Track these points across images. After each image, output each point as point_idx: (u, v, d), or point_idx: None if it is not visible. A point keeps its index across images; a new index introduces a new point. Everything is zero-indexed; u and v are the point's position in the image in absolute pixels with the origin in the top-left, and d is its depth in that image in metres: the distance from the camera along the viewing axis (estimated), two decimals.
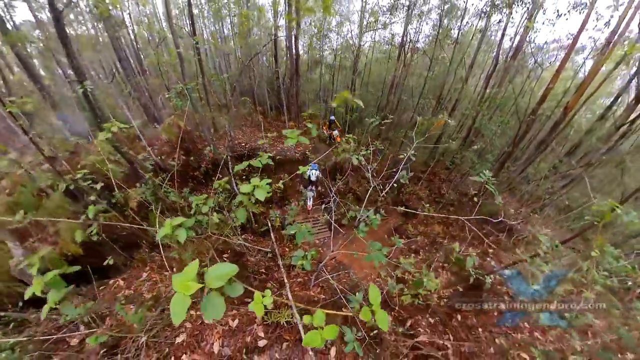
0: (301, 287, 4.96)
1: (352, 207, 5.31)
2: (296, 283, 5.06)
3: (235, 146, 8.96)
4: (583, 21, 7.16)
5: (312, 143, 10.76)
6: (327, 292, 4.86)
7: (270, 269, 5.39)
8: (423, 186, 12.53)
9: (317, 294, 4.74)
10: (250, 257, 5.79)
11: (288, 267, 5.65)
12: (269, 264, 5.60)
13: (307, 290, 4.79)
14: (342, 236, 8.77)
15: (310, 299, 4.55)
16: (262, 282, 4.92)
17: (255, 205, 6.45)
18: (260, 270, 5.23)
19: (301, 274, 5.43)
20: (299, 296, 4.59)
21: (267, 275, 5.19)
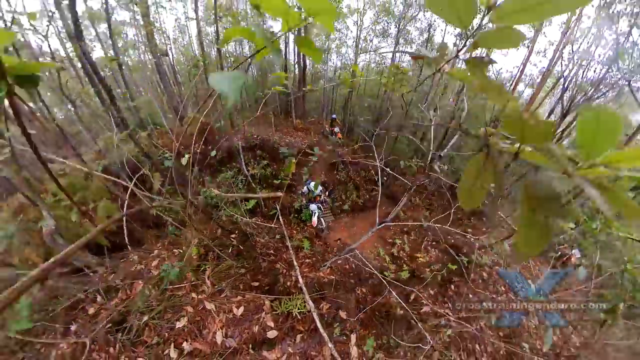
0: (310, 268, 4.15)
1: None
2: (305, 264, 4.26)
3: (249, 138, 8.12)
4: (526, 56, 7.10)
5: (316, 139, 9.98)
6: (336, 273, 4.09)
7: (279, 250, 4.57)
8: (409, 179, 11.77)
9: (327, 275, 3.96)
10: (259, 238, 4.98)
11: (296, 248, 4.87)
12: (278, 244, 4.78)
13: (317, 272, 4.00)
14: (345, 222, 8.05)
15: (321, 280, 3.76)
16: (271, 263, 4.09)
17: (264, 190, 5.53)
18: (269, 251, 4.42)
19: (309, 255, 4.65)
20: (309, 277, 3.80)
21: (275, 256, 4.37)
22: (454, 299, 4.48)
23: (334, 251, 4.94)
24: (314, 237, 5.69)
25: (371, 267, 4.28)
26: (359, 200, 8.86)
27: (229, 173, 6.59)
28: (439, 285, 5.02)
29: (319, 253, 4.80)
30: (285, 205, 6.65)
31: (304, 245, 4.95)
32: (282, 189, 7.64)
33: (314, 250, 4.90)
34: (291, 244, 4.92)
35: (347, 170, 9.07)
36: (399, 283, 4.18)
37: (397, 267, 5.54)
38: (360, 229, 7.46)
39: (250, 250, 4.30)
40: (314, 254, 4.65)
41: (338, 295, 3.50)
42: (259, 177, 7.25)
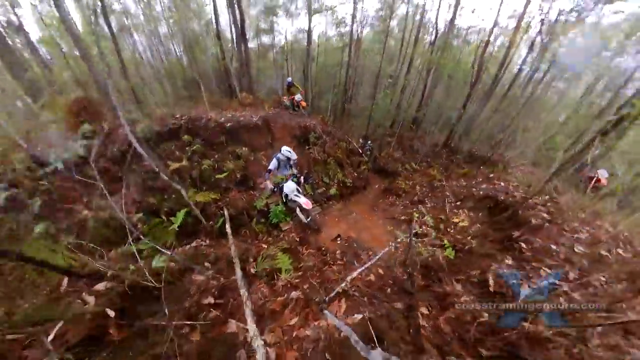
0: (302, 314, 1.88)
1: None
2: (288, 312, 1.97)
3: (165, 119, 5.23)
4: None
5: (271, 111, 7.49)
6: (357, 301, 1.95)
7: (230, 293, 2.20)
8: (394, 149, 10.28)
9: (339, 313, 1.77)
10: (196, 276, 2.46)
11: (267, 277, 2.55)
12: (229, 282, 2.38)
13: (316, 319, 1.79)
14: (337, 210, 5.92)
15: (331, 336, 1.59)
16: (216, 328, 1.76)
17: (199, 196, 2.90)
18: (209, 302, 2.00)
19: (293, 284, 2.36)
20: (302, 340, 1.60)
21: (224, 308, 2.00)
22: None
23: (338, 258, 2.73)
24: (296, 244, 3.37)
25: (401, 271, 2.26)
26: (347, 181, 6.83)
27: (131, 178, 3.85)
28: (500, 250, 3.24)
29: (313, 270, 2.55)
30: (241, 209, 4.17)
31: (282, 266, 2.61)
32: (233, 185, 5.08)
33: (304, 266, 2.62)
34: (256, 271, 2.60)
35: (323, 143, 6.86)
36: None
37: (441, 248, 3.64)
38: (363, 215, 5.43)
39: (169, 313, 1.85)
40: (303, 275, 2.40)
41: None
42: (190, 173, 4.54)
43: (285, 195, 3.88)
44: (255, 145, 5.82)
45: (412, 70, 11.49)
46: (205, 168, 4.76)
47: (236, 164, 5.05)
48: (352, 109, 12.35)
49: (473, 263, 2.96)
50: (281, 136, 6.54)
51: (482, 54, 8.04)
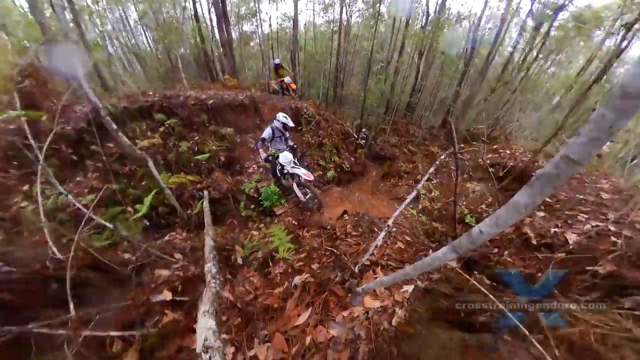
0: (312, 315, 1.31)
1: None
2: (261, 309, 1.42)
3: (135, 96, 4.47)
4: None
5: (259, 93, 6.84)
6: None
7: (197, 284, 1.62)
8: (390, 135, 9.95)
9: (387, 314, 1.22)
10: (160, 270, 1.86)
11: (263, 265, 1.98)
12: (197, 272, 1.81)
13: (345, 313, 1.22)
14: (337, 192, 5.40)
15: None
16: (160, 339, 1.18)
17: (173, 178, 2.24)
18: (156, 299, 1.43)
19: (295, 267, 1.81)
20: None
21: (178, 305, 1.42)
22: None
23: (350, 231, 2.21)
24: (294, 228, 2.78)
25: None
26: (344, 165, 6.35)
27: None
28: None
29: (321, 250, 1.99)
30: (225, 192, 3.57)
31: (279, 245, 2.04)
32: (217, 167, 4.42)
33: (308, 248, 2.06)
34: (243, 256, 2.06)
35: (316, 124, 6.33)
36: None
37: (460, 215, 3.34)
38: (367, 195, 4.98)
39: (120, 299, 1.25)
40: (307, 257, 1.86)
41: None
42: (164, 156, 3.87)
43: (281, 169, 3.31)
44: (241, 126, 5.20)
45: (404, 55, 11.21)
46: (183, 150, 4.10)
47: (220, 145, 4.41)
48: (344, 96, 11.91)
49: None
50: (270, 117, 5.88)
51: (475, 31, 7.84)
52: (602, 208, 2.51)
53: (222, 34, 7.46)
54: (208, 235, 2.04)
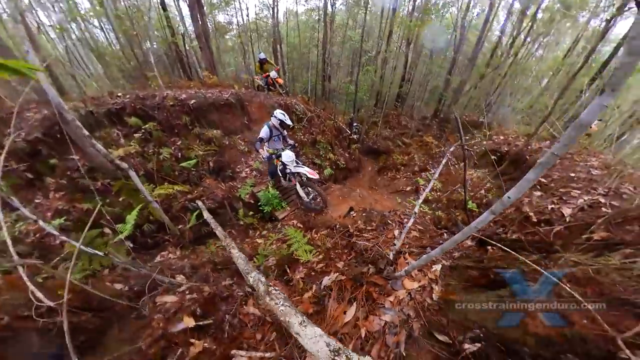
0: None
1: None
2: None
3: (101, 98, 4.10)
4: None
5: (244, 90, 6.60)
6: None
7: (219, 304, 1.53)
8: (382, 128, 10.12)
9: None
10: (164, 294, 1.71)
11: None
12: (217, 288, 1.71)
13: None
14: (337, 190, 5.37)
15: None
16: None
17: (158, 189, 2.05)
18: (176, 329, 1.33)
19: (309, 276, 1.78)
20: None
21: (203, 330, 1.34)
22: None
23: (364, 227, 2.21)
24: (302, 230, 2.68)
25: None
26: (339, 162, 6.36)
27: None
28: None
29: (339, 249, 1.96)
30: (221, 201, 3.42)
31: (297, 247, 1.99)
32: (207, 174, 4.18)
33: (322, 249, 2.00)
34: (258, 266, 1.98)
35: (308, 121, 6.28)
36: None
37: (449, 212, 3.55)
38: (367, 191, 5.04)
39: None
40: (326, 258, 1.83)
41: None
42: (144, 164, 3.61)
43: (282, 169, 3.23)
44: (228, 127, 4.99)
45: (392, 44, 11.39)
46: (165, 158, 3.85)
47: (207, 149, 4.21)
48: (332, 89, 11.88)
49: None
50: (259, 116, 5.78)
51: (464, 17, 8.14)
52: (593, 183, 2.80)
53: (197, 24, 7.06)
54: (229, 246, 1.93)
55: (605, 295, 1.06)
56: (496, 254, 1.65)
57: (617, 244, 1.68)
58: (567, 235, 2.06)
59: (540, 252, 1.58)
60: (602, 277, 1.14)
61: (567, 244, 1.81)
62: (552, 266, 1.26)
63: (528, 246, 1.72)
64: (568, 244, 1.81)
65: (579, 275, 1.18)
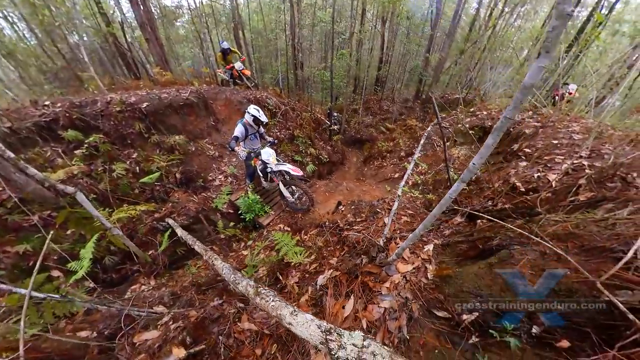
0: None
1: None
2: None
3: (22, 109, 3.61)
4: None
5: (207, 87, 6.25)
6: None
7: (209, 326, 1.50)
8: (363, 115, 10.31)
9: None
10: (143, 331, 1.59)
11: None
12: (205, 309, 1.65)
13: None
14: (323, 185, 5.37)
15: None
16: None
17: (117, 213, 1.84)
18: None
19: (303, 279, 1.79)
20: None
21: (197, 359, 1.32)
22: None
23: (354, 220, 2.27)
24: (291, 233, 2.69)
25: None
26: (322, 156, 6.38)
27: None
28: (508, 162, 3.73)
29: (331, 247, 2.01)
30: (195, 215, 3.26)
31: (286, 250, 1.98)
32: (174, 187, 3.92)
33: (313, 249, 2.02)
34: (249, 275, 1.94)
35: (284, 116, 6.19)
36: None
37: (439, 193, 3.84)
38: (354, 183, 5.14)
39: None
40: (318, 257, 1.86)
41: None
42: (93, 186, 3.29)
43: (263, 168, 3.22)
44: (192, 130, 4.72)
45: (366, 24, 11.49)
46: (120, 175, 3.54)
47: (170, 159, 3.95)
48: (306, 77, 11.75)
49: (491, 180, 3.18)
50: (227, 115, 5.55)
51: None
52: (575, 147, 3.08)
53: (138, 10, 6.46)
54: (211, 259, 1.87)
55: (585, 247, 1.21)
56: (485, 225, 1.81)
57: (599, 201, 1.89)
58: (553, 199, 2.27)
59: (524, 217, 1.76)
60: (581, 230, 1.30)
61: (555, 208, 2.00)
62: (536, 227, 1.41)
63: (512, 213, 1.90)
64: (555, 207, 2.00)
65: (560, 232, 1.33)
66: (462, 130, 5.97)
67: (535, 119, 4.81)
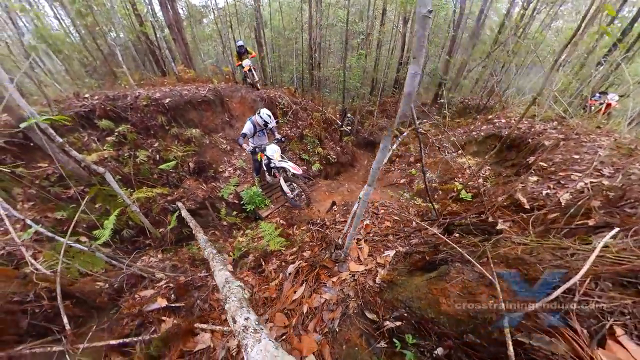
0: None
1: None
2: (262, 301, 1.76)
3: (66, 100, 4.36)
4: None
5: (223, 85, 6.86)
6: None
7: (191, 291, 1.86)
8: (379, 117, 10.45)
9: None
10: (143, 289, 2.03)
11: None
12: (191, 276, 2.05)
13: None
14: (325, 185, 5.69)
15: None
16: (162, 345, 1.41)
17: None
18: (151, 307, 1.66)
19: (280, 267, 2.10)
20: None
21: (175, 311, 1.69)
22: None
23: (339, 220, 2.52)
24: (283, 228, 3.04)
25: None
26: (330, 156, 6.67)
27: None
28: (519, 176, 3.62)
29: (314, 242, 2.29)
30: (202, 201, 3.72)
31: (268, 238, 2.32)
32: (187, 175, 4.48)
33: (299, 242, 2.34)
34: (234, 259, 2.36)
35: (295, 115, 6.57)
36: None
37: (444, 203, 3.85)
38: (357, 185, 5.36)
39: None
40: (299, 250, 2.16)
41: None
42: (119, 169, 3.89)
43: (267, 163, 3.55)
44: (208, 125, 5.28)
45: (387, 24, 11.62)
46: (142, 161, 4.14)
47: (186, 149, 4.49)
48: (322, 77, 12.14)
49: (495, 193, 3.16)
50: (241, 112, 6.07)
51: None
52: (598, 165, 2.81)
53: (167, 13, 7.29)
54: (195, 230, 2.28)
55: (529, 276, 1.14)
56: (440, 240, 1.70)
57: (599, 228, 1.74)
58: (556, 220, 2.11)
59: (485, 234, 1.75)
60: (532, 257, 1.24)
61: (551, 229, 1.86)
62: (490, 247, 1.42)
63: (476, 229, 1.89)
64: (552, 229, 1.85)
65: (512, 255, 1.30)
66: (476, 138, 5.93)
67: (559, 130, 4.62)
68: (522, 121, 5.57)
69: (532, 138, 4.67)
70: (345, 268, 1.71)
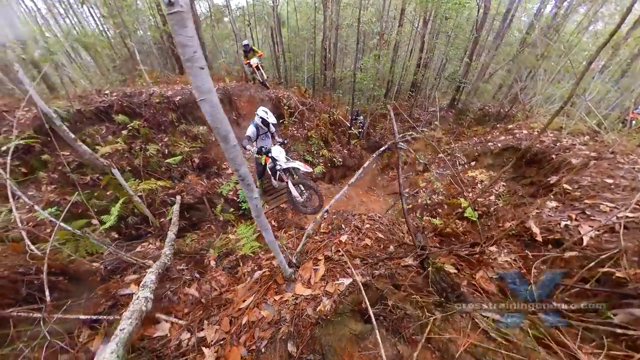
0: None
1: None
2: (224, 302, 1.91)
3: (89, 95, 4.87)
4: None
5: (233, 83, 7.22)
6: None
7: (165, 282, 2.08)
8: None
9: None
10: (132, 274, 2.30)
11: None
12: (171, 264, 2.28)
13: None
14: (325, 189, 5.83)
15: None
16: None
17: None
18: (122, 292, 1.91)
19: (252, 271, 2.27)
20: None
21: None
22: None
23: (322, 230, 2.59)
24: (273, 230, 3.15)
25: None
26: (335, 158, 6.77)
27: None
28: (536, 198, 3.34)
29: (292, 249, 2.42)
30: (200, 196, 4.00)
31: (244, 242, 2.47)
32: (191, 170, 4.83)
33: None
34: (215, 254, 2.54)
35: (301, 116, 6.75)
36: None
37: (446, 220, 3.73)
38: (358, 193, 5.42)
39: None
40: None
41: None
42: (130, 160, 4.29)
43: (272, 166, 3.51)
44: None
45: (406, 24, 11.51)
46: (152, 154, 4.52)
47: (193, 146, 4.83)
48: (337, 78, 12.27)
49: (504, 217, 3.01)
50: (248, 111, 6.37)
51: None
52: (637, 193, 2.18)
53: None
54: (171, 231, 2.49)
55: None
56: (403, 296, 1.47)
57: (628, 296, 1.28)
58: (574, 264, 1.72)
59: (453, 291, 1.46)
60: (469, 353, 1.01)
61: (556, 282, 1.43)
62: (462, 304, 1.28)
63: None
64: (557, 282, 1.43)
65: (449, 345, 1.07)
66: (492, 150, 5.62)
67: (590, 147, 4.06)
68: (547, 133, 5.11)
69: (556, 154, 4.17)
70: (292, 289, 1.68)
